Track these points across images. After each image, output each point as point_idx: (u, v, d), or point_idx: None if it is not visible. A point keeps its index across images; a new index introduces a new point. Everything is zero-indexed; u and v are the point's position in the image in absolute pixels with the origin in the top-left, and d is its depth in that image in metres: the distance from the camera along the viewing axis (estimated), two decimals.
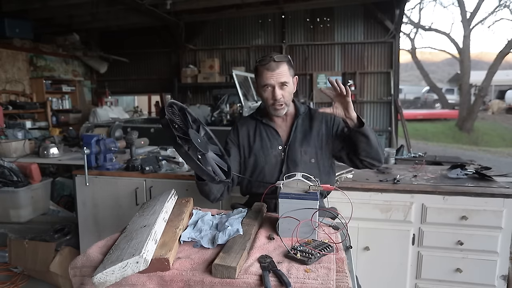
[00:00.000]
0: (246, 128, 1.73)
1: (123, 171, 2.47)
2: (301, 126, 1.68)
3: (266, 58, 1.56)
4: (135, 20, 6.79)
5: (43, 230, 2.90)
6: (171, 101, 1.29)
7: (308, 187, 1.23)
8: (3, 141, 3.48)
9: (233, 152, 1.70)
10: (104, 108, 6.83)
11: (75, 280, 1.06)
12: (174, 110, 1.29)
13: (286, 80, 1.56)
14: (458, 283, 2.01)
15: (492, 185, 1.99)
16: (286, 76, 1.56)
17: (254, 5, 6.60)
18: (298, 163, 1.62)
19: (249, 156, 1.69)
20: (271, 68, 1.54)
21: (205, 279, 0.97)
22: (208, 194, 1.57)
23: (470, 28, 14.18)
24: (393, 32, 6.92)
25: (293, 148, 1.64)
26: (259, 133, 1.69)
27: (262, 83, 1.58)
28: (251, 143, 1.69)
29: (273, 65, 1.54)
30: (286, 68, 1.57)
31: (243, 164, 1.70)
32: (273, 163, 1.65)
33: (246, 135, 1.71)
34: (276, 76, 1.55)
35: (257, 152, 1.67)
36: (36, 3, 5.41)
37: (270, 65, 1.54)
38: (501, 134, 13.07)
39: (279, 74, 1.55)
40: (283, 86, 1.56)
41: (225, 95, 5.58)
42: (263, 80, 1.57)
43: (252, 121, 1.73)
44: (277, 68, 1.54)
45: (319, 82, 7.29)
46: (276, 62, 1.54)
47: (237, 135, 1.73)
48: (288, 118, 1.70)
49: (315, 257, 1.03)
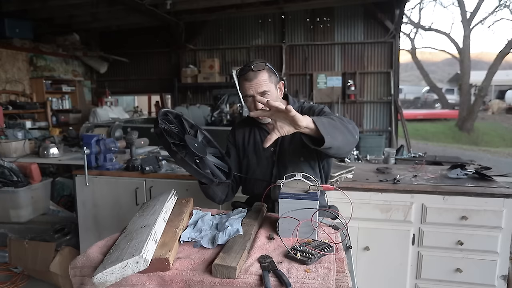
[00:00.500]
0: (242, 130, 1.74)
1: (123, 171, 2.47)
2: None
3: (245, 68, 1.54)
4: (135, 20, 6.80)
5: (43, 230, 2.90)
6: (165, 110, 1.30)
7: (308, 187, 1.23)
8: (3, 141, 3.48)
9: (233, 152, 1.72)
10: (104, 108, 6.83)
11: (75, 280, 1.06)
12: (170, 118, 1.30)
13: (266, 89, 1.53)
14: (458, 283, 2.01)
15: (492, 185, 1.99)
16: (266, 85, 1.53)
17: (254, 5, 6.60)
18: (287, 164, 1.60)
19: (243, 158, 1.70)
20: (249, 78, 1.52)
21: (205, 279, 0.97)
22: (213, 197, 1.59)
23: (470, 28, 14.19)
24: (393, 32, 6.92)
25: (282, 149, 1.62)
26: (253, 136, 1.70)
27: (243, 93, 1.57)
28: (245, 145, 1.70)
29: (251, 75, 1.52)
30: (266, 76, 1.54)
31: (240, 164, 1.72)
32: (264, 165, 1.65)
33: (242, 137, 1.72)
34: (255, 86, 1.52)
35: (250, 154, 1.68)
36: (36, 3, 5.42)
37: (248, 75, 1.52)
38: (501, 134, 13.08)
39: (257, 84, 1.52)
40: (264, 95, 1.53)
41: (225, 95, 5.58)
42: (243, 91, 1.56)
43: (248, 123, 1.74)
44: (255, 78, 1.52)
45: (319, 82, 7.30)
46: (254, 72, 1.52)
47: (233, 137, 1.74)
48: None
49: (315, 257, 1.03)
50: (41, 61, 6.71)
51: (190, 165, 1.19)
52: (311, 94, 7.31)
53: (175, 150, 1.17)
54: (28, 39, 6.25)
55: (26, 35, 6.12)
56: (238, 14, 7.09)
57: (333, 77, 7.25)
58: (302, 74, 7.36)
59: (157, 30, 7.60)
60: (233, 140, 1.74)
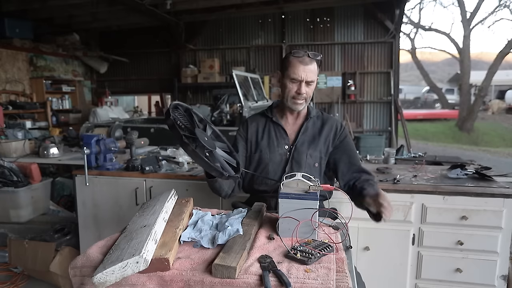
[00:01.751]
0: (256, 124, 1.73)
1: (123, 171, 2.47)
2: (311, 129, 1.68)
3: (300, 51, 1.56)
4: (135, 20, 6.79)
5: (43, 230, 2.90)
6: (176, 103, 1.29)
7: (308, 187, 1.23)
8: (3, 141, 3.48)
9: (240, 147, 1.71)
10: (104, 108, 6.83)
11: (75, 280, 1.06)
12: (180, 111, 1.29)
13: (313, 78, 1.57)
14: (458, 283, 2.01)
15: (492, 185, 1.99)
16: (314, 75, 1.57)
17: (254, 5, 6.60)
18: (302, 165, 1.61)
19: (255, 152, 1.69)
20: (304, 62, 1.54)
21: (205, 279, 0.97)
22: (219, 191, 1.59)
23: (470, 28, 14.18)
24: (393, 32, 6.92)
25: (300, 150, 1.64)
26: (267, 130, 1.70)
27: (291, 74, 1.56)
28: (258, 139, 1.70)
29: (307, 60, 1.54)
30: (316, 67, 1.57)
31: (248, 159, 1.71)
32: (277, 161, 1.65)
33: (255, 130, 1.72)
34: (307, 72, 1.54)
35: (263, 148, 1.67)
36: (36, 3, 5.42)
37: (304, 59, 1.54)
38: (501, 134, 13.07)
39: (310, 71, 1.55)
40: (309, 83, 1.57)
41: (225, 95, 5.57)
42: (293, 72, 1.55)
43: (262, 118, 1.74)
44: (310, 64, 1.54)
45: (319, 82, 7.29)
46: (310, 58, 1.54)
47: (246, 130, 1.73)
48: (299, 119, 1.70)
49: (315, 257, 1.03)
50: (41, 61, 6.71)
51: (201, 157, 1.18)
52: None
53: (186, 142, 1.16)
54: (28, 39, 6.26)
55: (26, 35, 6.13)
56: (238, 14, 7.09)
57: (333, 77, 7.25)
58: None
59: (157, 30, 7.60)
60: (245, 133, 1.73)
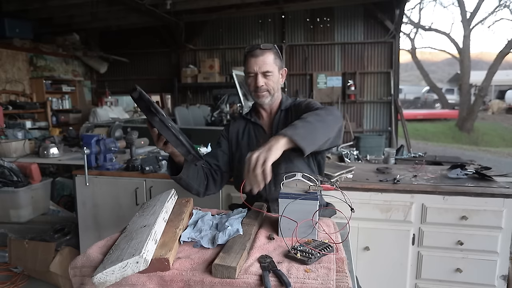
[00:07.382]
0: (237, 125, 1.76)
1: (123, 171, 2.47)
2: (283, 121, 1.65)
3: (253, 46, 1.57)
4: (135, 20, 6.79)
5: (43, 230, 2.90)
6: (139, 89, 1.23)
7: (308, 187, 1.23)
8: (3, 141, 3.48)
9: (224, 145, 1.73)
10: (104, 108, 6.83)
11: (75, 280, 1.06)
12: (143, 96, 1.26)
13: (269, 69, 1.55)
14: (458, 283, 2.01)
15: (492, 185, 1.99)
16: (270, 65, 1.55)
17: (254, 5, 6.60)
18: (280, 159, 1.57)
19: (236, 150, 1.70)
20: (255, 54, 1.54)
21: (205, 279, 0.97)
22: (188, 188, 1.55)
23: (470, 28, 14.18)
24: (393, 32, 6.92)
25: None
26: (247, 131, 1.71)
27: (246, 70, 1.59)
28: (239, 139, 1.72)
29: (258, 52, 1.54)
30: (272, 57, 1.56)
31: (231, 158, 1.72)
32: None
33: (236, 131, 1.74)
34: (260, 64, 1.53)
35: (243, 147, 1.68)
36: (36, 3, 5.42)
37: (254, 52, 1.54)
38: (501, 134, 13.07)
39: (262, 62, 1.54)
40: (267, 74, 1.55)
41: (225, 95, 5.57)
42: (247, 67, 1.57)
43: (242, 120, 1.76)
44: (261, 55, 1.54)
45: (319, 82, 7.30)
46: (261, 50, 1.54)
47: (227, 131, 1.76)
48: (272, 114, 1.69)
49: (315, 257, 1.03)
50: (41, 61, 6.71)
51: (169, 129, 1.14)
52: (311, 94, 7.31)
53: (154, 112, 1.12)
54: (28, 39, 6.25)
55: (26, 35, 6.12)
56: (238, 14, 7.09)
57: (333, 77, 7.25)
58: (302, 74, 7.36)
59: (157, 30, 7.60)
60: (227, 134, 1.76)
